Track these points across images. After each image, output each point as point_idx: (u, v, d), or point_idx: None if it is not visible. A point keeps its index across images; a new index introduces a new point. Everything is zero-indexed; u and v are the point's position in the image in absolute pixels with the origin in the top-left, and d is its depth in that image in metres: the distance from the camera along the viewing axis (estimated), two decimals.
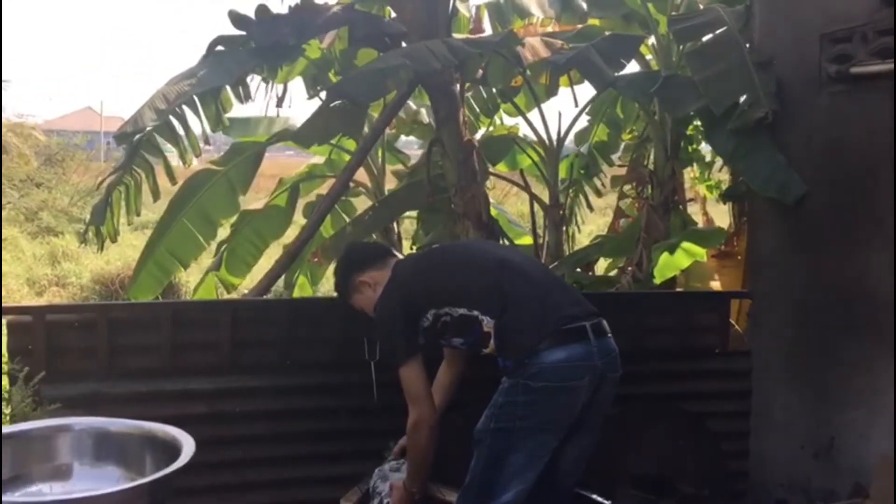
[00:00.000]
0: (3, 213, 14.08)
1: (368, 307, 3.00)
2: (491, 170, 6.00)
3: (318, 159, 6.82)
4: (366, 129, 5.69)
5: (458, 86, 5.18)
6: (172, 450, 2.18)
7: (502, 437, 2.65)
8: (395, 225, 6.24)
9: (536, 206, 6.11)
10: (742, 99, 3.78)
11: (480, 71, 5.61)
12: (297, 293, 6.34)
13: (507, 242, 5.81)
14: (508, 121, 6.94)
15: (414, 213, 6.26)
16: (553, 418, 2.65)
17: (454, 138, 5.06)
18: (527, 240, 6.36)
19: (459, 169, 5.04)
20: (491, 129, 6.84)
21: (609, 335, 2.78)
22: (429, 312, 2.82)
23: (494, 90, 6.20)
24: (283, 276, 5.71)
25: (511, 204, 11.57)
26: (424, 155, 5.65)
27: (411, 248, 6.06)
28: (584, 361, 2.65)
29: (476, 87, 6.16)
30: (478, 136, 6.28)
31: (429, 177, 5.31)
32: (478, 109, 6.54)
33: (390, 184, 6.58)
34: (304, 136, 5.31)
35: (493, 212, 5.56)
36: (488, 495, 2.66)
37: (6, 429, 2.39)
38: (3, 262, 11.33)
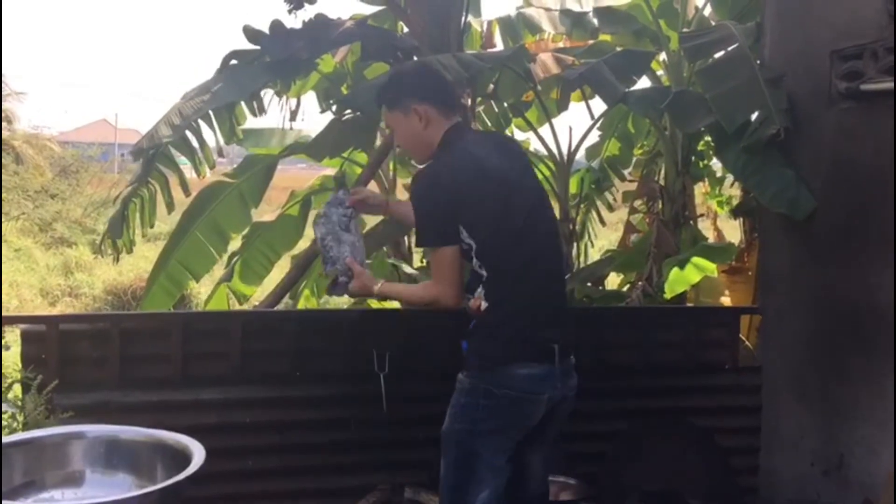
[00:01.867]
0: (18, 225, 14.20)
1: (405, 135, 2.77)
2: None
3: (330, 172, 6.86)
4: (377, 143, 5.72)
5: (469, 100, 5.21)
6: (183, 458, 2.19)
7: (467, 438, 2.64)
8: (405, 238, 6.26)
9: None
10: (754, 116, 3.80)
11: (491, 86, 5.64)
12: (301, 305, 6.36)
13: None
14: (519, 135, 6.96)
15: None
16: (511, 424, 2.65)
17: None
18: None
19: None
20: None
21: (572, 362, 2.72)
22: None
23: (506, 105, 6.23)
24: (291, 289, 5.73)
25: None
26: None
27: (422, 262, 6.07)
28: (545, 381, 2.64)
29: (487, 101, 6.19)
30: None
31: None
32: (489, 124, 6.56)
33: (401, 197, 6.61)
34: (316, 149, 5.34)
35: None
36: (462, 500, 2.66)
37: (19, 436, 2.41)
38: (17, 273, 11.42)
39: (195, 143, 4.66)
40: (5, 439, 2.30)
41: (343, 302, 7.80)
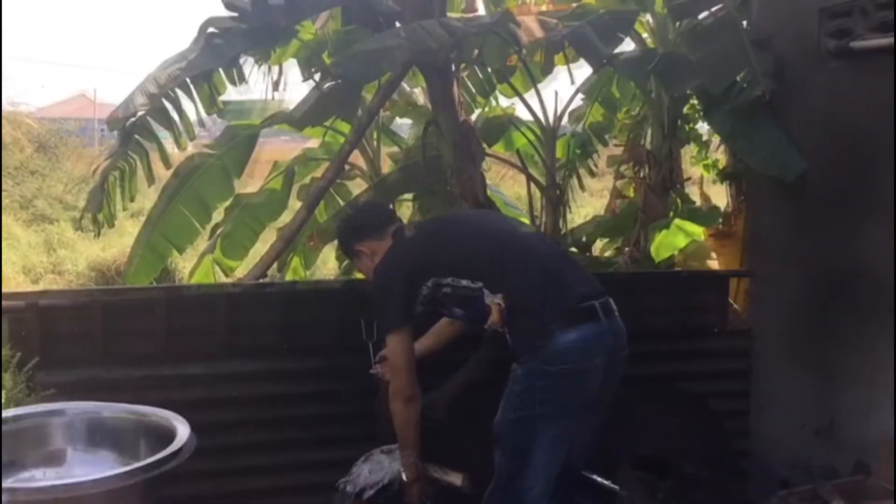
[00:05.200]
0: None
1: (367, 273, 2.98)
2: (487, 151, 5.95)
3: (313, 143, 6.77)
4: (360, 112, 5.63)
5: (453, 66, 5.12)
6: (167, 434, 2.15)
7: (524, 426, 2.60)
8: (391, 206, 6.19)
9: (533, 188, 6.06)
10: (740, 77, 3.74)
11: (476, 51, 5.54)
12: (289, 276, 6.29)
13: None
14: (504, 101, 6.87)
15: (410, 196, 6.21)
16: (572, 401, 2.62)
17: (450, 120, 5.00)
18: (524, 221, 6.31)
19: (456, 151, 4.98)
20: (487, 110, 6.77)
21: (616, 313, 2.76)
22: (429, 281, 2.78)
23: (490, 70, 6.13)
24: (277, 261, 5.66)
25: (507, 187, 11.50)
26: (420, 137, 5.59)
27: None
28: (597, 341, 2.62)
29: (471, 67, 6.09)
30: (474, 117, 6.21)
31: (425, 159, 5.26)
32: (473, 90, 6.46)
33: (386, 166, 6.53)
34: (297, 119, 5.24)
35: (489, 194, 5.51)
36: (517, 490, 2.62)
37: None
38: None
39: (174, 115, 4.56)
40: None
41: (331, 271, 7.75)
